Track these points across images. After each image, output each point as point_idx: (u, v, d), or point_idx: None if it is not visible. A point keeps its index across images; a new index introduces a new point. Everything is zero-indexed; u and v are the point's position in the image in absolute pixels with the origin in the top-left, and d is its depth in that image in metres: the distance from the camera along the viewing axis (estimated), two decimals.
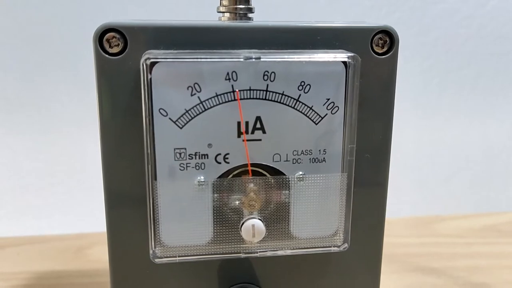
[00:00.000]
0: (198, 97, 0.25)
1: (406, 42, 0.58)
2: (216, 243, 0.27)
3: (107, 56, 0.25)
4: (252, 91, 0.25)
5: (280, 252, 0.28)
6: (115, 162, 0.26)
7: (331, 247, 0.28)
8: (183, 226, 0.27)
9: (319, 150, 0.27)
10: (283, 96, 0.26)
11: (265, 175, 0.27)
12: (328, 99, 0.26)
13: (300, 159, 0.27)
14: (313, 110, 0.26)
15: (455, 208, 0.66)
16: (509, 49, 0.62)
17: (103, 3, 0.53)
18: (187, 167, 0.26)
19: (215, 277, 0.29)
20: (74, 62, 0.54)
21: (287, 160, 0.27)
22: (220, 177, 0.26)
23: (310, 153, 0.27)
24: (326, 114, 0.26)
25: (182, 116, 0.25)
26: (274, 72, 0.25)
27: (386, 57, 0.27)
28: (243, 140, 0.26)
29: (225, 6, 0.28)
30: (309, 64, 0.25)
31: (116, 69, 0.25)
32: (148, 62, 0.24)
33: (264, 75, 0.25)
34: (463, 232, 0.58)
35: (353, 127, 0.27)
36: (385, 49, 0.27)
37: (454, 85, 0.63)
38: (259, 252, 0.28)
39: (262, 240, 0.27)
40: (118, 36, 0.25)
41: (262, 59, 0.25)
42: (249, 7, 0.28)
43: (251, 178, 0.27)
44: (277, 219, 0.27)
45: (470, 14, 0.60)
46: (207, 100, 0.25)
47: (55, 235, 0.55)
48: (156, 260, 0.27)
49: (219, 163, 0.26)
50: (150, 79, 0.24)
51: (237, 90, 0.25)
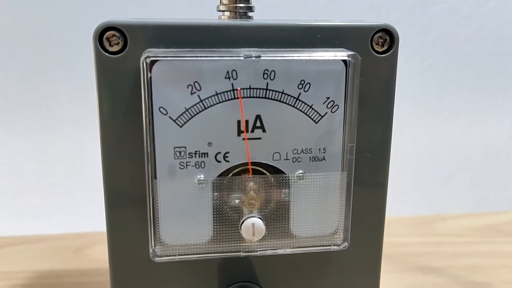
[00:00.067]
0: (198, 95, 0.25)
1: (406, 41, 0.58)
2: (216, 241, 0.27)
3: (107, 54, 0.25)
4: (252, 90, 0.25)
5: (280, 251, 0.28)
6: (115, 161, 0.26)
7: (331, 245, 0.28)
8: (183, 225, 0.27)
9: (319, 149, 0.27)
10: (283, 95, 0.26)
11: (265, 174, 0.27)
12: (328, 98, 0.26)
13: (300, 157, 0.27)
14: (313, 109, 0.26)
15: (455, 207, 0.66)
16: (509, 49, 0.62)
17: (103, 3, 0.53)
18: (187, 165, 0.26)
19: (215, 276, 0.29)
20: (74, 62, 0.54)
21: (287, 159, 0.27)
22: (220, 175, 0.26)
23: (310, 151, 0.27)
24: (326, 113, 0.26)
25: (182, 114, 0.25)
26: (274, 71, 0.25)
27: (386, 55, 0.27)
28: (244, 139, 0.26)
29: (225, 5, 0.28)
30: (309, 62, 0.25)
31: (116, 67, 0.25)
32: (148, 61, 0.24)
33: (264, 74, 0.25)
34: (463, 231, 0.58)
35: (353, 125, 0.27)
36: (385, 47, 0.27)
37: (454, 85, 0.62)
38: (259, 251, 0.28)
39: (262, 239, 0.27)
40: (118, 34, 0.24)
41: (262, 58, 0.25)
42: (249, 5, 0.28)
43: (251, 176, 0.27)
44: (277, 217, 0.27)
45: (470, 14, 0.60)
46: (207, 98, 0.25)
47: (55, 235, 0.55)
48: (156, 259, 0.27)
49: (219, 161, 0.26)
50: (150, 78, 0.24)
51: (239, 88, 0.25)
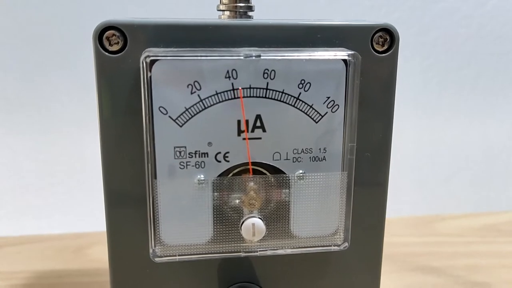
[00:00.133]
0: (198, 95, 0.25)
1: (406, 41, 0.58)
2: (216, 242, 0.27)
3: (107, 54, 0.25)
4: (252, 89, 0.25)
5: (280, 251, 0.28)
6: (115, 161, 0.26)
7: (331, 246, 0.28)
8: (183, 225, 0.26)
9: (319, 149, 0.27)
10: (283, 95, 0.26)
11: (265, 174, 0.27)
12: (328, 98, 0.26)
13: (300, 157, 0.27)
14: (313, 109, 0.26)
15: (455, 207, 0.66)
16: (509, 49, 0.62)
17: (103, 3, 0.53)
18: (187, 165, 0.26)
19: (215, 276, 0.29)
20: (74, 62, 0.54)
21: (287, 159, 0.27)
22: (220, 175, 0.26)
23: (310, 151, 0.27)
24: (326, 113, 0.26)
25: (182, 114, 0.25)
26: (274, 70, 0.25)
27: (387, 55, 0.27)
28: (244, 139, 0.26)
29: (225, 4, 0.28)
30: (309, 62, 0.25)
31: (116, 67, 0.25)
32: (148, 60, 0.24)
33: (264, 73, 0.25)
34: (463, 231, 0.58)
35: (353, 125, 0.26)
36: (385, 47, 0.27)
37: (454, 85, 0.62)
38: (259, 251, 0.28)
39: (262, 239, 0.27)
40: (118, 34, 0.24)
41: (262, 57, 0.25)
42: (249, 5, 0.28)
43: (251, 176, 0.27)
44: (277, 218, 0.27)
45: (470, 13, 0.60)
46: (207, 98, 0.25)
47: (55, 235, 0.55)
48: (156, 259, 0.26)
49: (219, 161, 0.26)
50: (150, 77, 0.24)
51: (240, 88, 0.25)
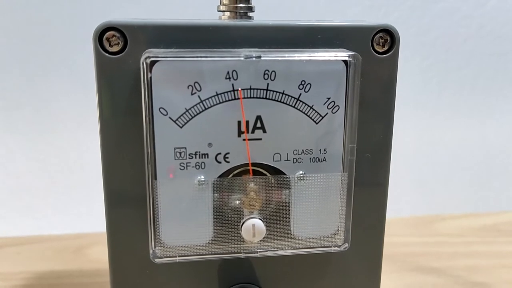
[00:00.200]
0: (199, 96, 0.25)
1: (406, 41, 0.58)
2: (216, 243, 0.27)
3: (107, 55, 0.25)
4: (252, 90, 0.25)
5: (280, 252, 0.28)
6: (115, 161, 0.26)
7: (331, 247, 0.28)
8: (183, 226, 0.26)
9: (320, 150, 0.27)
10: (284, 95, 0.26)
11: (265, 175, 0.27)
12: (329, 98, 0.26)
13: (300, 158, 0.27)
14: (313, 110, 0.26)
15: (455, 208, 0.66)
16: (508, 49, 0.62)
17: (103, 3, 0.53)
18: (187, 166, 0.26)
19: (215, 277, 0.29)
20: (74, 62, 0.54)
21: (287, 160, 0.27)
22: (220, 176, 0.26)
23: (311, 152, 0.27)
24: (327, 114, 0.26)
25: (182, 115, 0.25)
26: (274, 71, 0.25)
27: (387, 56, 0.27)
28: (244, 140, 0.26)
29: (225, 5, 0.28)
30: (309, 63, 0.25)
31: (116, 68, 0.25)
32: (148, 61, 0.24)
33: (264, 74, 0.25)
34: (463, 231, 0.58)
35: (353, 126, 0.26)
36: (385, 48, 0.27)
37: (454, 85, 0.62)
38: (259, 252, 0.28)
39: (262, 240, 0.27)
40: (118, 34, 0.24)
41: (262, 58, 0.25)
42: (249, 6, 0.28)
43: (251, 177, 0.27)
44: (277, 218, 0.27)
45: (469, 13, 0.60)
46: (207, 99, 0.25)
47: (54, 235, 0.55)
48: (156, 260, 0.26)
49: (219, 162, 0.26)
50: (150, 78, 0.24)
51: (239, 89, 0.25)
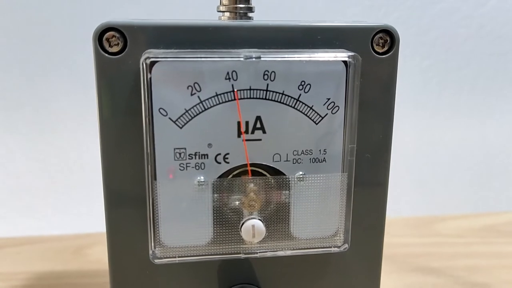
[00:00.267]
0: (198, 96, 0.25)
1: (405, 41, 0.58)
2: (216, 243, 0.27)
3: (106, 55, 0.25)
4: (252, 91, 0.25)
5: (280, 253, 0.28)
6: (115, 162, 0.26)
7: (331, 247, 0.28)
8: (183, 227, 0.26)
9: (320, 150, 0.27)
10: (283, 96, 0.26)
11: (265, 175, 0.27)
12: (329, 99, 0.26)
13: (300, 159, 0.27)
14: (313, 110, 0.26)
15: (455, 208, 0.66)
16: (508, 49, 0.62)
17: (103, 3, 0.53)
18: (187, 167, 0.26)
19: (215, 277, 0.29)
20: (74, 62, 0.54)
21: (287, 160, 0.27)
22: (220, 177, 0.26)
23: (311, 153, 0.27)
24: (327, 114, 0.26)
25: (182, 115, 0.25)
26: (274, 72, 0.25)
27: (387, 56, 0.27)
28: (243, 140, 0.26)
29: (225, 6, 0.28)
30: (309, 63, 0.25)
31: (116, 68, 0.25)
32: (148, 62, 0.24)
33: (264, 75, 0.25)
34: (463, 232, 0.58)
35: (353, 127, 0.26)
36: (385, 48, 0.27)
37: (454, 85, 0.62)
38: (259, 252, 0.28)
39: (262, 241, 0.27)
40: (118, 35, 0.24)
41: (262, 59, 0.25)
42: (249, 6, 0.28)
43: (251, 178, 0.27)
44: (277, 219, 0.27)
45: (469, 13, 0.60)
46: (207, 99, 0.25)
47: (54, 235, 0.55)
48: (156, 260, 0.26)
49: (219, 163, 0.26)
50: (150, 79, 0.24)
51: (235, 90, 0.25)
